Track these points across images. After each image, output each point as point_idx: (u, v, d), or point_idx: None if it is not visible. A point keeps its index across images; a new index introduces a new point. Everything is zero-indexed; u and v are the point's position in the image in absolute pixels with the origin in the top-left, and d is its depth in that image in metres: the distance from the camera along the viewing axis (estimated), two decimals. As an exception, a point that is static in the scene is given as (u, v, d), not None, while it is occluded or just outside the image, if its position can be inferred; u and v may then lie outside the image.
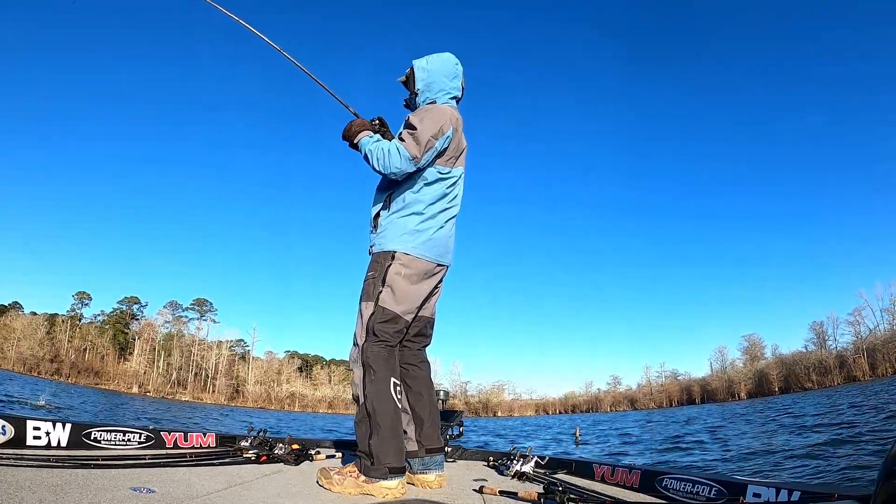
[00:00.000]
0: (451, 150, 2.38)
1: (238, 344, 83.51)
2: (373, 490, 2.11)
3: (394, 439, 2.16)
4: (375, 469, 2.12)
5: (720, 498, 1.96)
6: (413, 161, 2.24)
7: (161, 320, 77.88)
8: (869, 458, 6.26)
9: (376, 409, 2.16)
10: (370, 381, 2.20)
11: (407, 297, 2.30)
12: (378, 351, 2.23)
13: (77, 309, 76.50)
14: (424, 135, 2.25)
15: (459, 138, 2.43)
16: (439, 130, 2.28)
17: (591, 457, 8.49)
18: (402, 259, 2.29)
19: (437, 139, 2.28)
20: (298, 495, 1.99)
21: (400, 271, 2.28)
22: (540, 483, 2.45)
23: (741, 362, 78.49)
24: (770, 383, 69.66)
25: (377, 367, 2.21)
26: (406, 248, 2.30)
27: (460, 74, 2.53)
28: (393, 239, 2.32)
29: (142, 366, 71.50)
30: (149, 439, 2.80)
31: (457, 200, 2.50)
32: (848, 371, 62.59)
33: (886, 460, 0.94)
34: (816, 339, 70.71)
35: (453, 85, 2.51)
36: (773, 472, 6.27)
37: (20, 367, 61.90)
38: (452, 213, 2.48)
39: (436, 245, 2.36)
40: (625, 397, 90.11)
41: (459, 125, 2.42)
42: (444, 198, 2.41)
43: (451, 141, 2.35)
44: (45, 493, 1.47)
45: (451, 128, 2.33)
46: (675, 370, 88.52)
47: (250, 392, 78.04)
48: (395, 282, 2.27)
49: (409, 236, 2.31)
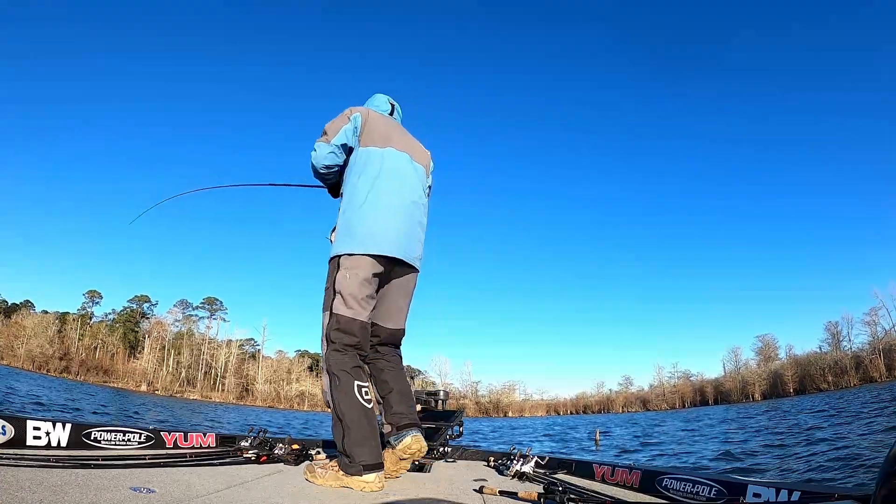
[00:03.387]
0: (370, 131, 2.57)
1: (248, 343, 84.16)
2: (351, 483, 2.21)
3: (365, 439, 2.24)
4: (351, 466, 2.22)
5: (720, 498, 1.95)
6: (325, 143, 2.54)
7: (171, 319, 78.57)
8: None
9: (345, 413, 2.26)
10: (336, 388, 2.30)
11: (355, 299, 2.36)
12: (339, 358, 2.33)
13: (88, 307, 77.48)
14: (328, 126, 2.56)
15: (377, 124, 2.60)
16: (342, 118, 2.56)
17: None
18: (345, 263, 2.38)
19: (343, 123, 2.54)
20: (298, 495, 1.99)
21: (345, 275, 2.36)
22: (540, 483, 2.44)
23: (755, 363, 77.94)
24: (785, 384, 68.95)
25: (339, 373, 2.30)
26: (346, 249, 2.39)
27: (387, 101, 2.89)
28: (337, 244, 2.44)
29: (151, 364, 72.01)
30: (149, 439, 2.82)
31: (395, 182, 2.54)
32: (864, 372, 61.79)
33: (886, 460, 0.93)
34: (831, 339, 69.96)
35: (377, 103, 2.88)
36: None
37: (29, 365, 62.56)
38: (394, 198, 2.51)
39: (374, 235, 2.41)
40: (637, 398, 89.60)
41: (373, 115, 2.62)
42: (377, 179, 2.49)
43: (363, 123, 2.56)
44: (45, 493, 1.47)
45: (356, 114, 2.56)
46: (688, 371, 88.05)
47: (259, 391, 78.42)
48: (342, 287, 2.36)
49: (347, 236, 2.41)
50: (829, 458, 6.56)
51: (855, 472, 5.48)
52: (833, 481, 5.14)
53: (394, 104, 2.89)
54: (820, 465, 6.20)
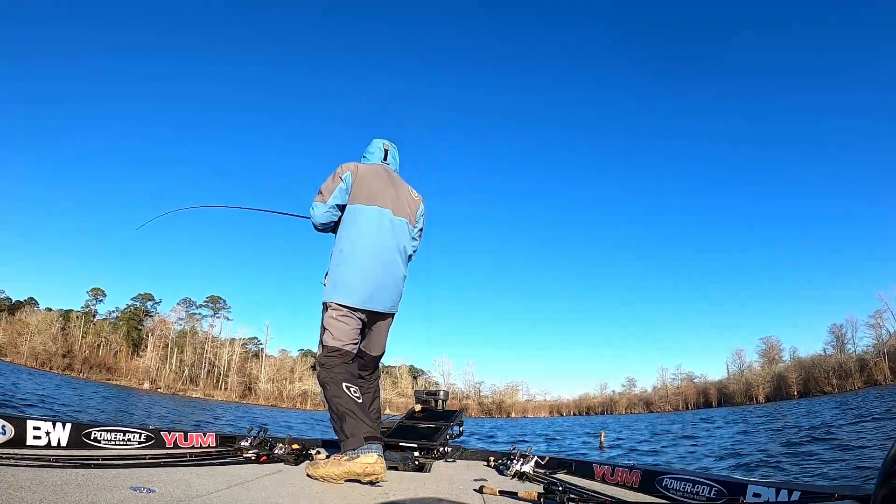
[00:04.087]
0: (358, 188, 2.86)
1: (251, 342, 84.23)
2: (354, 466, 2.34)
3: (360, 419, 2.53)
4: (352, 441, 2.43)
5: (720, 498, 1.95)
6: (322, 203, 2.88)
7: (174, 317, 78.61)
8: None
9: (339, 405, 2.57)
10: (328, 392, 2.64)
11: (342, 333, 2.75)
12: (325, 372, 2.69)
13: (91, 305, 77.58)
14: (324, 187, 2.90)
15: (365, 181, 2.88)
16: (335, 178, 2.88)
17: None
18: (331, 307, 2.76)
19: (335, 183, 2.86)
20: (298, 495, 1.99)
21: (332, 315, 2.75)
22: (540, 483, 2.45)
23: (759, 365, 77.64)
24: (789, 387, 68.74)
25: (328, 380, 2.66)
26: (331, 298, 2.75)
27: (381, 147, 3.13)
28: (326, 291, 2.79)
29: (154, 362, 72.12)
30: (149, 439, 2.83)
31: (374, 238, 2.83)
32: (869, 375, 61.51)
33: (886, 460, 0.93)
34: (836, 341, 69.66)
35: (372, 153, 3.11)
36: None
37: (32, 362, 62.71)
38: (371, 255, 2.80)
39: (357, 291, 2.74)
40: (640, 399, 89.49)
41: (364, 171, 2.91)
42: (359, 238, 2.79)
43: (353, 182, 2.86)
44: (45, 492, 1.48)
45: (347, 173, 2.87)
46: (692, 372, 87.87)
47: (262, 390, 78.52)
48: (329, 325, 2.76)
49: (335, 287, 2.76)
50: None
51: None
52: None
53: (388, 149, 3.14)
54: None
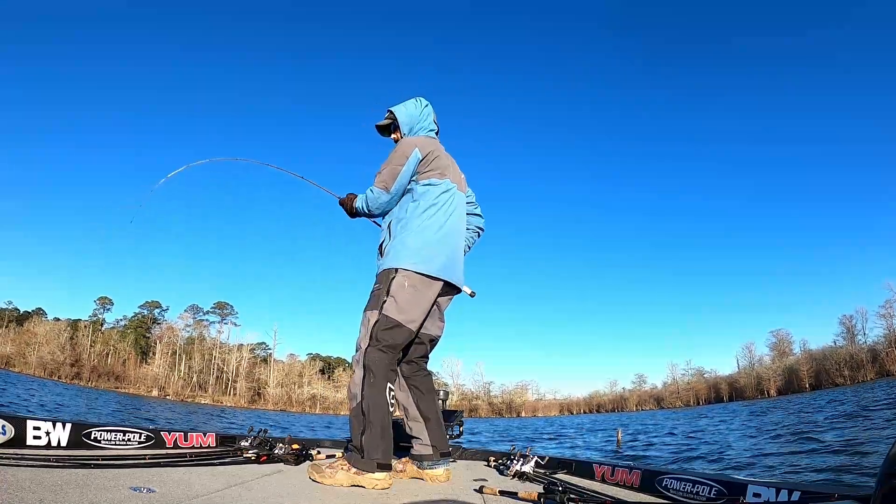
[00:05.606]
0: (429, 165, 2.65)
1: (259, 347, 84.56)
2: (363, 481, 2.26)
3: (383, 439, 2.33)
4: (365, 462, 2.28)
5: (720, 498, 1.94)
6: (384, 191, 2.62)
7: (182, 324, 79.11)
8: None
9: (371, 409, 2.34)
10: (369, 384, 2.37)
11: (409, 307, 2.48)
12: (379, 356, 2.40)
13: (99, 314, 78.25)
14: (386, 168, 2.63)
15: (436, 156, 2.69)
16: (402, 156, 2.61)
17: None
18: (404, 273, 2.50)
19: (401, 165, 2.60)
20: (298, 495, 2.00)
21: (403, 283, 2.48)
22: (540, 483, 2.44)
23: (769, 358, 76.81)
24: (800, 379, 67.91)
25: (377, 371, 2.38)
26: (406, 264, 2.51)
27: (430, 113, 2.86)
28: (395, 258, 2.54)
29: (162, 369, 72.45)
30: (149, 439, 2.84)
31: (453, 212, 2.68)
32: (881, 365, 60.66)
33: (886, 460, 0.93)
34: (846, 333, 68.73)
35: (426, 122, 2.83)
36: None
37: (40, 372, 63.05)
38: (451, 227, 2.66)
39: (433, 259, 2.55)
40: (651, 396, 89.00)
41: (429, 146, 2.68)
42: (436, 209, 2.62)
43: (421, 160, 2.64)
44: (45, 492, 1.49)
45: (414, 149, 2.62)
46: (702, 368, 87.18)
47: (271, 394, 78.73)
48: (398, 293, 2.47)
49: (408, 253, 2.52)
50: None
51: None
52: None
53: (436, 121, 2.90)
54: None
